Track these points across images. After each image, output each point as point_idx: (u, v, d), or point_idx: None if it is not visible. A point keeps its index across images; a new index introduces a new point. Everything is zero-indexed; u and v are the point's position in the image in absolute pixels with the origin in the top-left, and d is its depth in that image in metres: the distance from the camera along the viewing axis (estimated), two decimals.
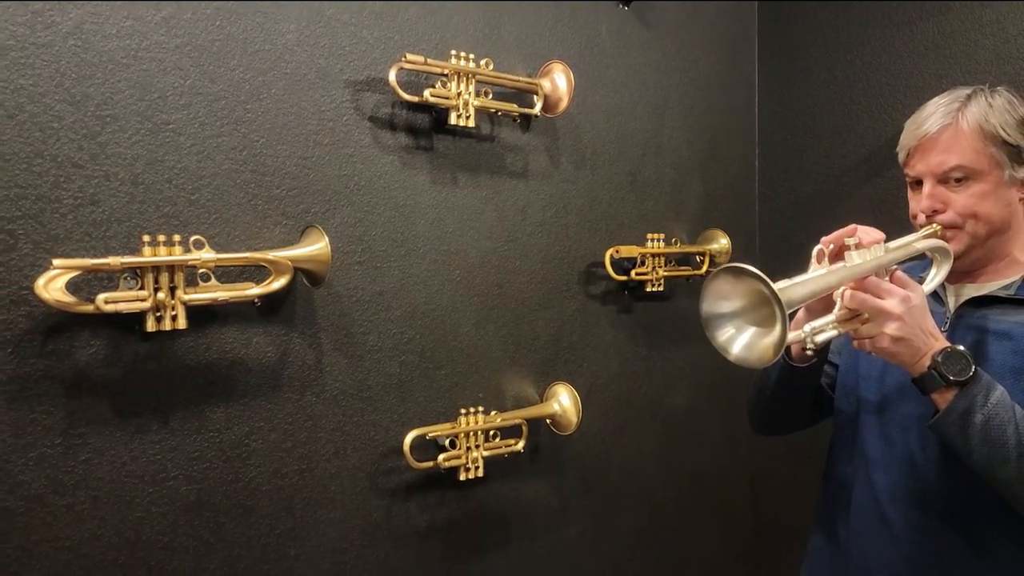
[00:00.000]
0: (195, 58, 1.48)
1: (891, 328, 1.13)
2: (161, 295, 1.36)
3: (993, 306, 1.28)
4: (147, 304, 1.35)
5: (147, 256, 1.35)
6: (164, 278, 1.36)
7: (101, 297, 1.31)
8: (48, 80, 1.32)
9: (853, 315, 1.18)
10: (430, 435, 1.76)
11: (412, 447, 1.71)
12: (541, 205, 2.04)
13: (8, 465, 1.30)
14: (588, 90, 2.11)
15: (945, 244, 1.25)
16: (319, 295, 1.64)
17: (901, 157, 1.35)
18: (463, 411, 1.81)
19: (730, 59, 2.57)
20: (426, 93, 1.72)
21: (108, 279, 1.36)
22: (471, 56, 1.79)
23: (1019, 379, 1.20)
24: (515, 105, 1.90)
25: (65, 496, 1.35)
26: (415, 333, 1.80)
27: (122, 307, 1.33)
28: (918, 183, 1.32)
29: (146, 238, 1.36)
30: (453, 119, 1.77)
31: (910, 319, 1.14)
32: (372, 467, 1.73)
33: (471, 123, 1.79)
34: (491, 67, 1.84)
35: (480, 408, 1.83)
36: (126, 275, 1.35)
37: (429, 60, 1.71)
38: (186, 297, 1.39)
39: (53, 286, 1.27)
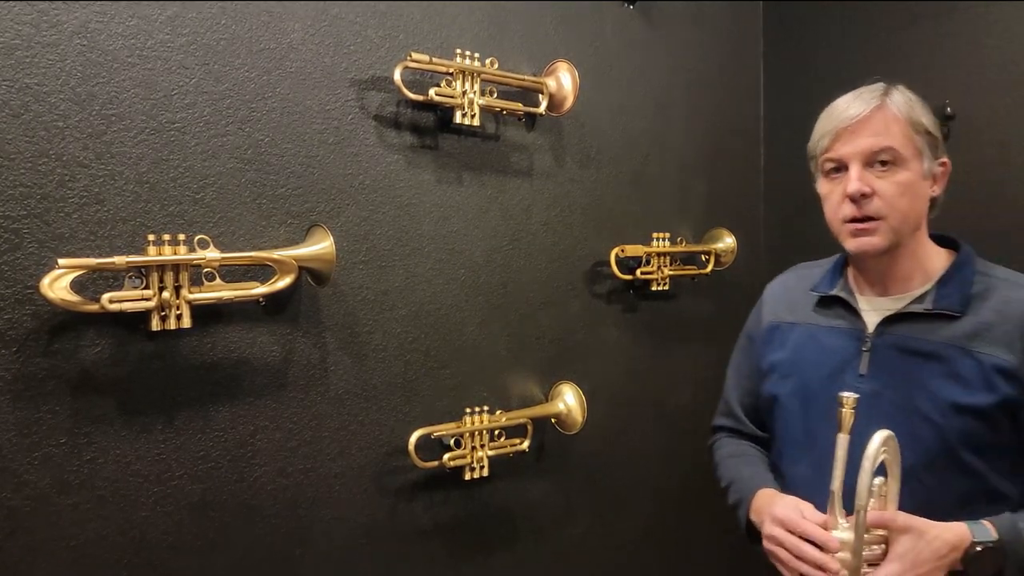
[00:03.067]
0: (200, 57, 1.48)
1: None
2: (166, 294, 1.36)
3: (911, 322, 1.21)
4: (152, 303, 1.35)
5: (152, 255, 1.34)
6: (169, 277, 1.36)
7: (106, 296, 1.30)
8: (53, 79, 1.32)
9: None
10: (435, 434, 1.75)
11: (417, 446, 1.70)
12: (546, 204, 2.04)
13: (13, 464, 1.30)
14: (593, 89, 2.11)
15: (884, 436, 1.09)
16: (324, 294, 1.64)
17: (823, 144, 1.25)
18: (468, 410, 1.81)
19: (735, 58, 2.56)
20: (431, 92, 1.72)
21: (113, 278, 1.36)
22: (476, 55, 1.79)
23: (961, 414, 1.14)
24: (520, 104, 1.89)
25: (70, 496, 1.35)
26: (420, 332, 1.80)
27: (127, 306, 1.33)
28: (837, 170, 1.23)
29: (151, 237, 1.36)
30: (458, 118, 1.76)
31: (918, 572, 1.06)
32: (377, 466, 1.73)
33: (476, 122, 1.79)
34: (496, 66, 1.83)
35: (485, 407, 1.83)
36: (131, 274, 1.35)
37: (434, 59, 1.71)
38: (191, 296, 1.38)
39: (58, 285, 1.27)
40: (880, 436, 1.05)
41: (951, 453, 1.14)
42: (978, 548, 1.04)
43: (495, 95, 1.85)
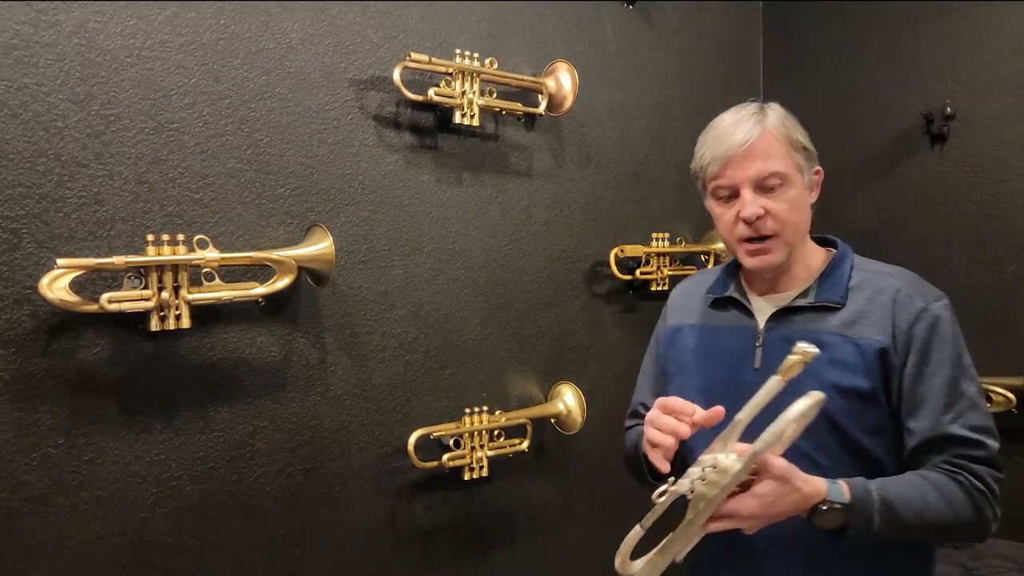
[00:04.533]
0: (199, 57, 1.48)
1: (753, 525, 1.11)
2: (165, 294, 1.35)
3: (797, 315, 1.29)
4: (151, 304, 1.35)
5: (151, 255, 1.34)
6: (168, 277, 1.36)
7: (105, 296, 1.30)
8: (52, 79, 1.32)
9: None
10: (434, 435, 1.75)
11: (416, 447, 1.70)
12: (545, 204, 2.03)
13: (12, 465, 1.30)
14: (592, 89, 2.11)
15: (819, 399, 1.09)
16: (323, 295, 1.64)
17: (712, 169, 1.29)
18: (468, 411, 1.80)
19: (735, 59, 2.56)
20: (431, 92, 1.71)
21: (112, 278, 1.36)
22: (476, 55, 1.79)
23: (846, 396, 1.20)
24: (519, 104, 1.89)
25: (69, 496, 1.35)
26: (419, 333, 1.79)
27: (126, 306, 1.32)
28: (729, 196, 1.29)
29: (150, 237, 1.35)
30: (457, 118, 1.76)
31: (767, 512, 1.10)
32: (376, 467, 1.73)
33: (475, 122, 1.79)
34: (496, 66, 1.83)
35: (485, 408, 1.82)
36: (130, 274, 1.35)
37: (434, 59, 1.70)
38: (190, 297, 1.38)
39: (57, 285, 1.27)
40: (817, 396, 1.07)
41: (840, 433, 1.21)
42: (823, 508, 1.11)
43: (495, 95, 1.84)
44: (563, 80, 1.93)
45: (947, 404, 1.21)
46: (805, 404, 1.06)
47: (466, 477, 1.78)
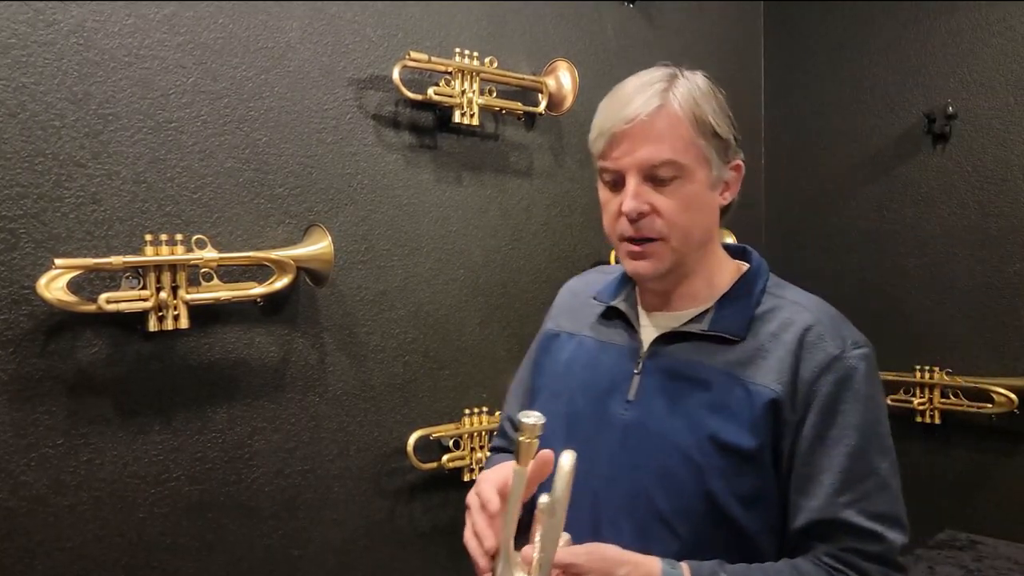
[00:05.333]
0: (198, 56, 1.47)
1: None
2: (163, 294, 1.35)
3: (686, 343, 1.06)
4: (149, 304, 1.34)
5: (149, 255, 1.34)
6: (166, 277, 1.35)
7: (103, 297, 1.30)
8: (50, 78, 1.32)
9: None
10: (434, 435, 1.75)
11: (416, 448, 1.70)
12: (546, 204, 2.03)
13: (10, 465, 1.29)
14: (593, 88, 2.10)
15: (572, 460, 0.88)
16: (322, 295, 1.63)
17: (598, 146, 1.04)
18: (467, 411, 1.80)
19: (736, 58, 2.55)
20: (430, 91, 1.71)
21: (110, 278, 1.36)
22: (475, 54, 1.78)
23: (724, 453, 0.98)
24: (519, 103, 1.88)
25: (67, 497, 1.35)
26: (419, 333, 1.79)
27: (124, 307, 1.32)
28: (615, 182, 1.04)
29: (148, 237, 1.35)
30: (457, 117, 1.76)
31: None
32: (376, 468, 1.72)
33: (475, 121, 1.78)
34: (495, 65, 1.83)
35: (484, 408, 1.82)
36: (128, 274, 1.34)
37: (433, 58, 1.70)
38: (188, 297, 1.38)
39: (55, 285, 1.27)
40: (570, 458, 0.87)
41: (710, 499, 0.98)
42: None
43: (494, 94, 1.84)
44: (563, 79, 1.93)
45: (847, 481, 0.97)
46: (565, 478, 0.85)
47: (466, 478, 1.78)
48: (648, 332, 1.10)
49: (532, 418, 0.83)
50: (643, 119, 0.99)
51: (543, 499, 0.87)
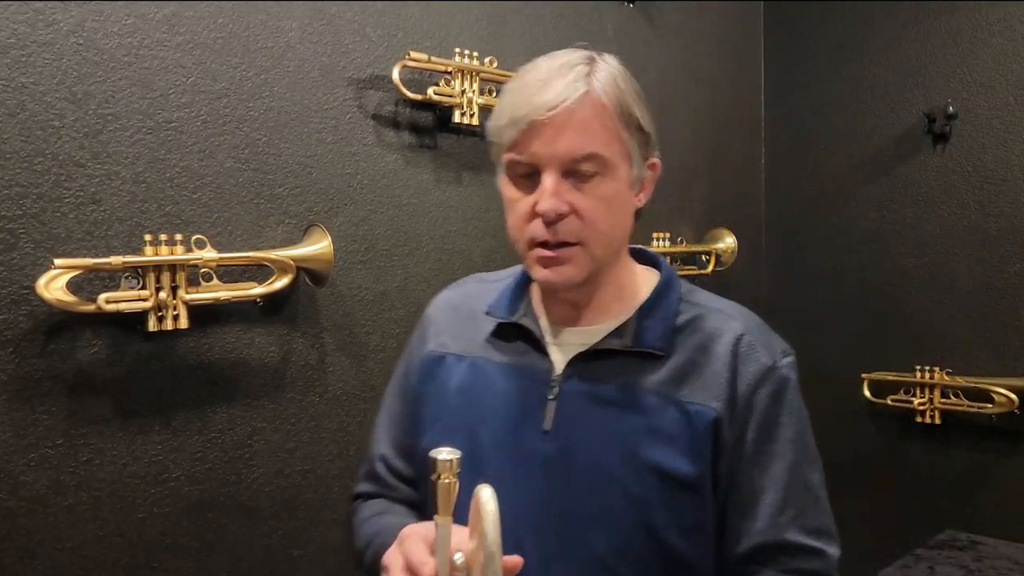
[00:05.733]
0: (197, 56, 1.47)
1: None
2: (163, 295, 1.35)
3: (607, 361, 0.95)
4: (149, 304, 1.34)
5: (149, 255, 1.34)
6: (166, 277, 1.35)
7: (103, 297, 1.30)
8: (49, 78, 1.32)
9: None
10: None
11: None
12: None
13: (9, 466, 1.29)
14: None
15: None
16: (322, 295, 1.63)
17: (509, 135, 0.91)
18: None
19: (736, 58, 2.55)
20: (430, 91, 1.71)
21: (110, 278, 1.35)
22: (475, 54, 1.78)
23: (666, 484, 0.89)
24: None
25: (67, 497, 1.34)
26: None
27: (124, 307, 1.32)
28: (527, 174, 0.92)
29: (148, 237, 1.35)
30: (457, 117, 1.76)
31: None
32: None
33: (475, 121, 1.78)
34: (495, 65, 1.83)
35: None
36: (128, 274, 1.34)
37: (433, 58, 1.70)
38: (188, 297, 1.38)
39: (54, 286, 1.26)
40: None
41: (653, 534, 0.90)
42: None
43: (494, 94, 1.84)
44: None
45: (786, 499, 0.92)
46: (493, 518, 0.72)
47: None
48: (560, 351, 0.98)
49: (445, 453, 0.73)
50: (568, 106, 0.88)
51: (463, 553, 0.76)
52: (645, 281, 1.01)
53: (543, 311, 1.02)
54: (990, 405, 2.13)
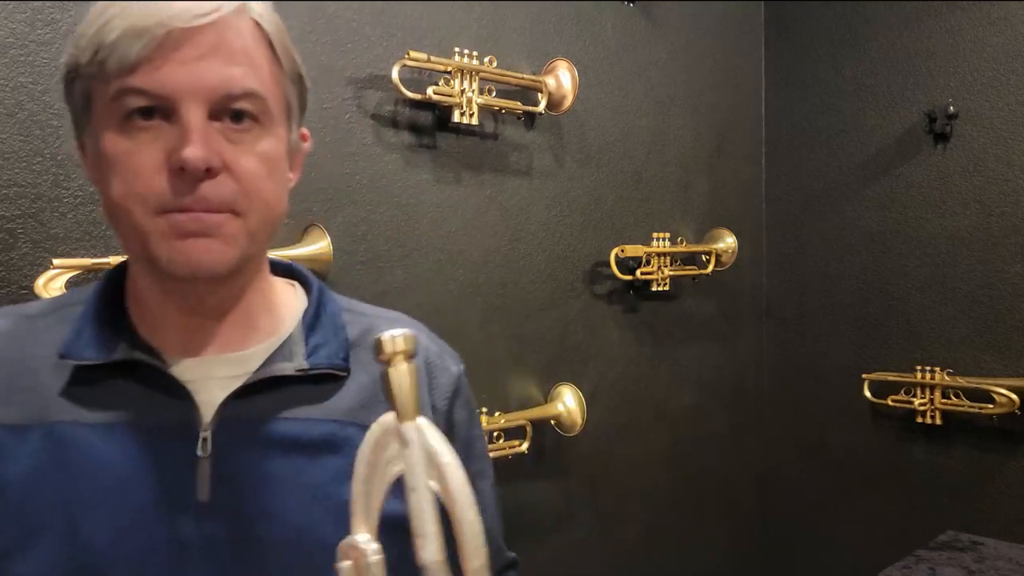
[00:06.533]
0: None
1: None
2: None
3: (275, 392, 0.73)
4: None
5: None
6: None
7: None
8: (48, 78, 1.31)
9: None
10: None
11: None
12: (545, 204, 2.02)
13: None
14: (593, 87, 2.10)
15: None
16: None
17: (121, 54, 0.64)
18: None
19: (737, 57, 2.55)
20: (429, 91, 1.70)
21: None
22: (475, 53, 1.78)
23: (388, 535, 0.57)
24: (519, 103, 1.88)
25: None
26: None
27: None
28: (150, 111, 0.65)
29: None
30: (456, 117, 1.75)
31: None
32: None
33: (475, 121, 1.78)
34: (495, 64, 1.82)
35: (484, 409, 1.81)
36: None
37: (432, 57, 1.70)
38: None
39: (53, 285, 1.26)
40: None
41: None
42: None
43: (494, 94, 1.84)
44: (563, 78, 1.92)
45: (497, 517, 0.84)
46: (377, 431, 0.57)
47: None
48: (204, 388, 0.71)
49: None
50: (223, 18, 0.65)
51: None
52: (286, 291, 0.82)
53: (163, 336, 0.73)
54: (991, 405, 2.13)
